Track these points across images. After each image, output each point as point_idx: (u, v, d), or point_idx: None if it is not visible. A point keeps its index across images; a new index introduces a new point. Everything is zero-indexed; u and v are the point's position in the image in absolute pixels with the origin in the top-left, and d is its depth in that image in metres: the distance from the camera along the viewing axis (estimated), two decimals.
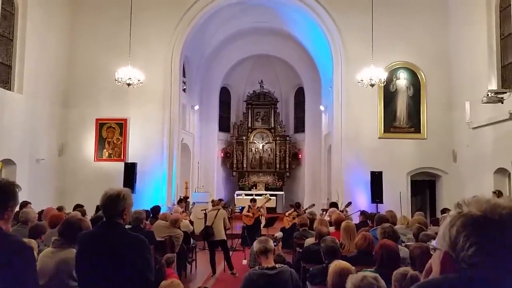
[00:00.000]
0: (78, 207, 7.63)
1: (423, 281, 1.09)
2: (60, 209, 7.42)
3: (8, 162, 10.30)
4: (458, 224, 1.02)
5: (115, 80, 10.48)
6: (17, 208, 3.68)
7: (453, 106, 12.37)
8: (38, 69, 11.43)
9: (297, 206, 11.73)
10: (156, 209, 9.09)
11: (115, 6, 12.58)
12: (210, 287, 7.58)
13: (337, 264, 3.20)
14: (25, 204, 6.87)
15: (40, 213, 7.07)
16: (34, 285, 2.20)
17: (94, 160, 12.79)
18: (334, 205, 10.68)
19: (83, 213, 6.65)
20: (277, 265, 3.67)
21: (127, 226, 5.91)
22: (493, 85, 10.24)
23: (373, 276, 2.48)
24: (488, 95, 9.08)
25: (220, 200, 11.67)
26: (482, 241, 0.98)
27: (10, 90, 10.58)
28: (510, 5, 9.80)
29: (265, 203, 11.90)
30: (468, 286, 0.97)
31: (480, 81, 10.73)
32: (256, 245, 3.85)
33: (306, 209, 10.86)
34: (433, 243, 1.10)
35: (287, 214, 11.61)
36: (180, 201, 11.57)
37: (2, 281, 2.02)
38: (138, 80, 10.60)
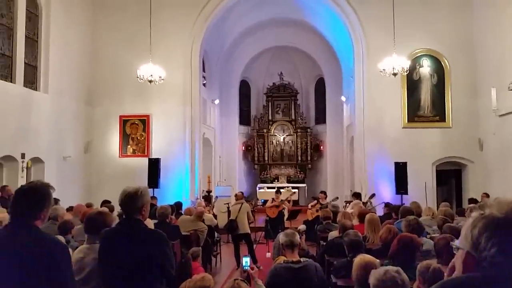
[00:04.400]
0: (106, 203, 7.80)
1: (446, 280, 1.11)
2: (89, 205, 7.62)
3: (36, 160, 10.63)
4: (480, 225, 1.04)
5: (137, 77, 10.64)
6: None
7: (479, 93, 12.06)
8: (63, 69, 11.71)
9: (324, 193, 11.78)
10: (178, 205, 9.23)
11: (134, 5, 12.74)
12: None
13: (361, 258, 3.20)
14: (55, 201, 7.07)
15: (69, 209, 7.29)
16: (72, 280, 2.31)
17: (119, 157, 13.06)
18: (357, 195, 10.60)
19: (111, 209, 6.79)
20: (302, 259, 3.69)
21: (153, 221, 6.08)
22: None
23: (395, 270, 2.48)
24: None
25: (241, 193, 11.74)
26: (504, 242, 0.99)
27: (36, 90, 10.87)
28: None
29: (289, 196, 11.92)
30: (489, 285, 0.99)
31: (506, 67, 10.41)
32: (282, 238, 3.87)
33: (330, 201, 10.82)
34: (456, 242, 1.12)
35: (310, 206, 11.62)
36: (205, 197, 11.67)
37: (42, 278, 2.12)
38: (160, 77, 10.72)
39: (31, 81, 10.82)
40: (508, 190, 9.84)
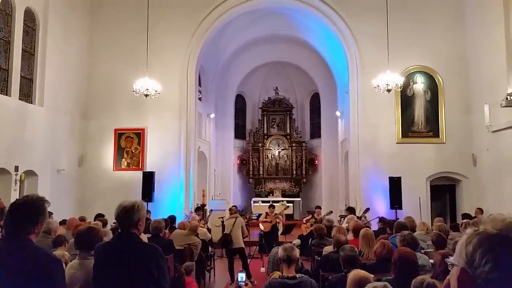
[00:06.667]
0: (100, 216, 7.75)
1: None
2: (82, 219, 7.56)
3: (30, 173, 10.56)
4: (474, 241, 1.05)
5: (133, 91, 10.67)
6: None
7: (472, 110, 12.20)
8: (58, 83, 11.73)
9: (319, 208, 11.80)
10: (172, 219, 9.17)
11: (132, 20, 12.85)
12: None
13: (356, 273, 3.20)
14: (48, 215, 7.01)
15: (62, 223, 7.23)
16: None
17: (113, 170, 13.00)
18: (351, 210, 10.59)
19: (105, 223, 6.76)
20: (297, 275, 3.67)
21: (147, 235, 6.03)
22: None
23: (382, 285, 2.48)
24: (507, 98, 8.95)
25: (235, 207, 11.69)
26: (498, 258, 1.00)
27: (31, 103, 10.87)
28: None
29: (283, 210, 11.87)
30: None
31: (499, 83, 10.57)
32: (280, 252, 3.84)
33: (324, 216, 10.79)
34: (451, 259, 1.13)
35: (304, 220, 11.58)
36: (197, 209, 11.64)
37: None
38: (156, 91, 10.76)
39: (26, 94, 10.82)
40: (502, 205, 9.89)
